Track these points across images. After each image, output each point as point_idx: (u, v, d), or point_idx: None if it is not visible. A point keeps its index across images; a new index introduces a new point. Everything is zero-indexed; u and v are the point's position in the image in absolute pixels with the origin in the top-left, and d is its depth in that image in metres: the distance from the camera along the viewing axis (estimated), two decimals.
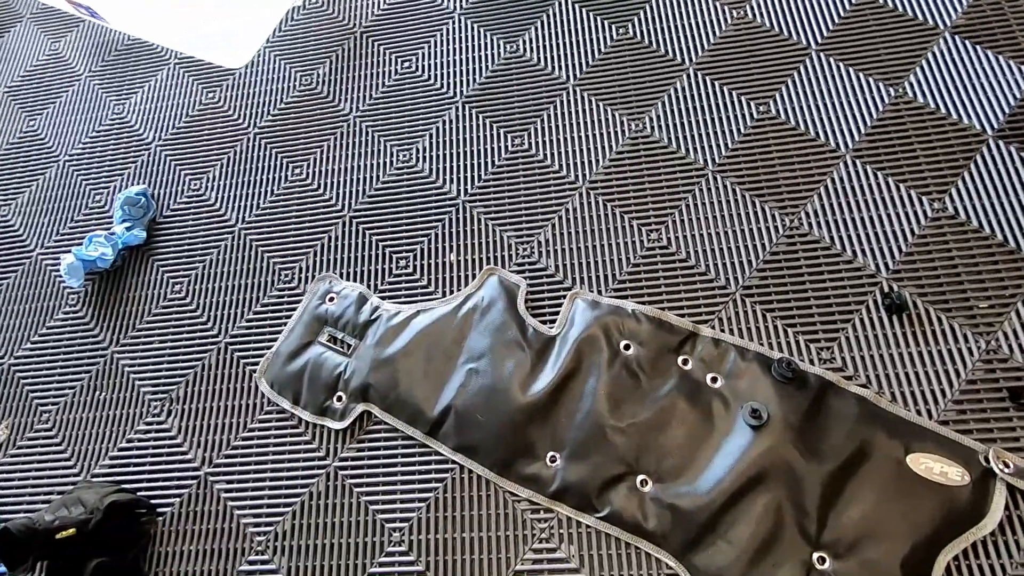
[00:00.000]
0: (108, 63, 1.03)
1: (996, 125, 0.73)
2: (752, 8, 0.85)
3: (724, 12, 0.85)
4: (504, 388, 0.67)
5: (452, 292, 0.76)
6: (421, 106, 0.88)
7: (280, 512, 0.69)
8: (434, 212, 0.81)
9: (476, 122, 0.85)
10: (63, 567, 0.66)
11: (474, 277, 0.76)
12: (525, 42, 0.89)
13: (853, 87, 0.79)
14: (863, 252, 0.70)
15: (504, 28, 0.91)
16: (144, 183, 0.91)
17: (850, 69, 0.79)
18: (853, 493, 0.59)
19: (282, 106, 0.93)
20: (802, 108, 0.78)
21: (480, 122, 0.85)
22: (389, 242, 0.80)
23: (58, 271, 0.87)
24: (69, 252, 0.83)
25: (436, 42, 0.92)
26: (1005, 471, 0.58)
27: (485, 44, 0.90)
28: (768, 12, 0.84)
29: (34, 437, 0.78)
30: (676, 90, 0.82)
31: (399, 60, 0.92)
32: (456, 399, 0.68)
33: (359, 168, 0.86)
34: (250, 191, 0.87)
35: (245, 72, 0.97)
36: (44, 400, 0.80)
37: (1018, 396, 0.61)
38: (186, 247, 0.86)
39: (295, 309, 0.78)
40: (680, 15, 0.86)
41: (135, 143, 0.95)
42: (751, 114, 0.79)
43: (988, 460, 0.58)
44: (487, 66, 0.89)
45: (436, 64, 0.91)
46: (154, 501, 0.72)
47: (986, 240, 0.69)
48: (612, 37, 0.87)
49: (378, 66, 0.93)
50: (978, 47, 0.78)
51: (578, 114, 0.83)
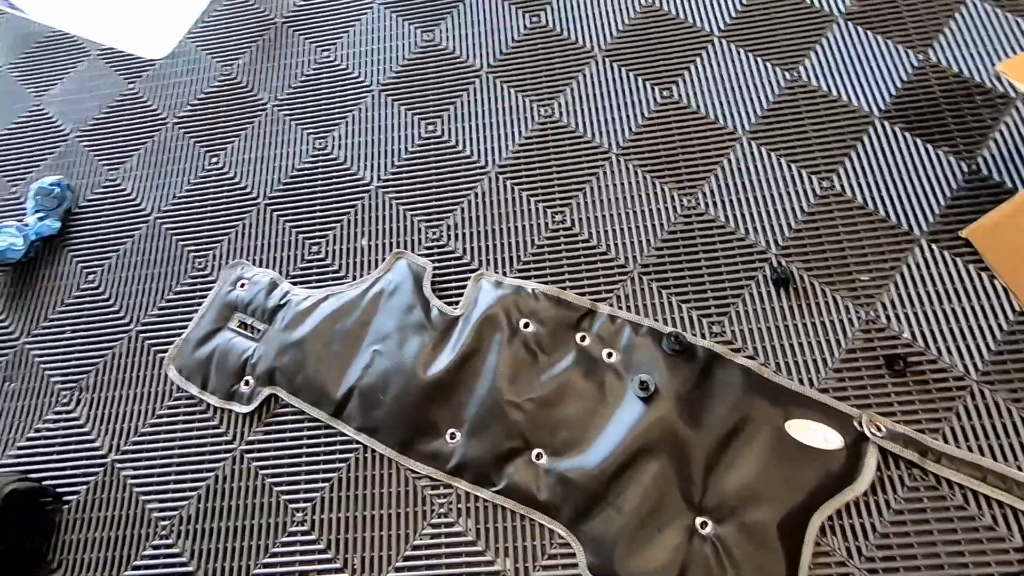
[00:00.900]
0: (28, 55, 1.02)
1: (883, 107, 0.76)
2: None
3: (633, 0, 0.88)
4: (406, 368, 0.68)
5: (362, 276, 0.77)
6: (338, 95, 0.89)
7: (186, 496, 0.69)
8: (348, 198, 0.82)
9: (391, 110, 0.86)
10: None
11: (384, 261, 0.77)
12: (441, 31, 0.90)
13: (752, 72, 0.81)
14: (755, 230, 0.73)
15: (421, 17, 0.92)
16: (61, 174, 0.90)
17: (750, 55, 0.82)
18: (735, 460, 0.61)
19: (202, 96, 0.93)
20: (703, 92, 0.81)
21: (395, 110, 0.86)
22: (303, 228, 0.81)
23: None
24: None
25: (355, 32, 0.93)
26: (877, 435, 0.60)
27: (402, 33, 0.91)
28: (675, 0, 0.87)
29: None
30: (585, 76, 0.84)
31: (318, 49, 0.93)
32: (360, 380, 0.69)
33: (275, 156, 0.86)
34: (167, 180, 0.87)
35: (166, 63, 0.97)
36: None
37: (892, 363, 0.64)
38: (100, 237, 0.85)
39: (207, 296, 0.78)
40: (591, 3, 0.88)
41: (52, 134, 0.94)
42: (655, 98, 0.81)
43: (861, 425, 0.61)
44: (403, 55, 0.90)
45: (354, 53, 0.91)
46: (60, 490, 0.71)
47: (870, 216, 0.72)
48: (525, 26, 0.88)
49: (298, 55, 0.93)
50: (869, 32, 0.81)
51: (490, 101, 0.84)
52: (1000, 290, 0.66)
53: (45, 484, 0.71)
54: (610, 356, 0.67)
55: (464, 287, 0.74)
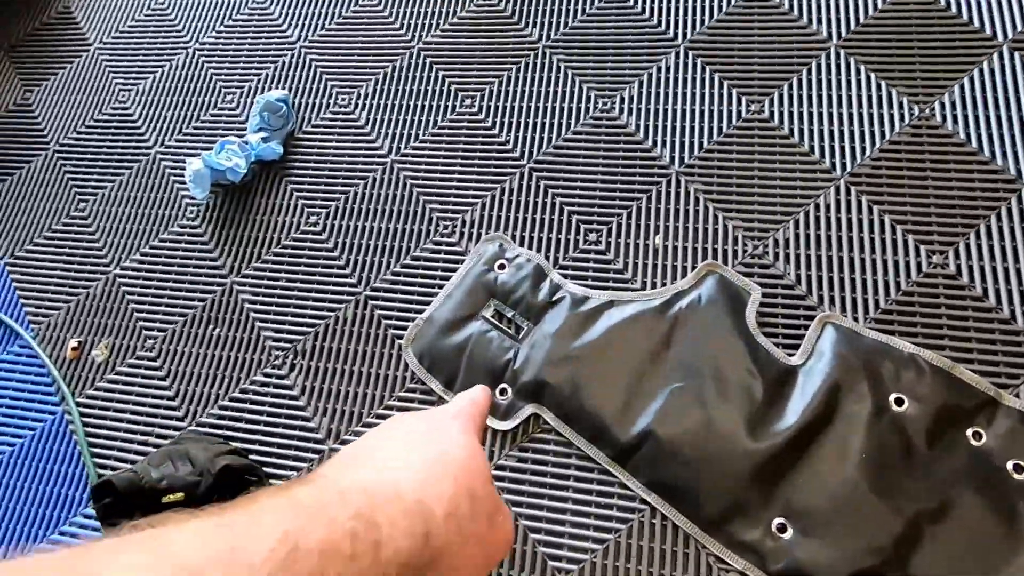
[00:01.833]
0: None
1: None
2: None
3: None
4: (725, 423, 0.52)
5: (656, 285, 0.60)
6: (632, 46, 0.71)
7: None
8: (639, 180, 0.65)
9: (703, 75, 0.68)
10: None
11: (685, 271, 0.60)
12: None
13: None
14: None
15: None
16: (285, 89, 0.77)
17: None
18: None
19: (455, 20, 0.77)
20: None
21: (707, 76, 0.68)
22: (577, 209, 0.65)
23: (179, 176, 0.75)
24: (197, 157, 0.71)
25: None
26: None
27: None
28: None
29: (135, 365, 0.68)
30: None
31: None
32: (657, 424, 0.54)
33: (546, 111, 0.70)
34: (409, 117, 0.73)
35: None
36: (150, 324, 0.69)
37: None
38: (327, 173, 0.72)
39: (453, 270, 0.64)
40: None
41: (276, 39, 0.81)
42: None
43: None
44: (721, 6, 0.70)
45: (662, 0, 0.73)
46: (267, 470, 0.60)
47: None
48: None
49: None
50: None
51: (843, 84, 0.64)
52: None
53: (253, 461, 0.60)
54: (1019, 471, 0.49)
55: (793, 327, 0.57)
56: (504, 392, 0.58)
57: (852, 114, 0.63)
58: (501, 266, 0.63)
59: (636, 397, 0.55)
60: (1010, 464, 0.49)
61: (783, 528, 0.50)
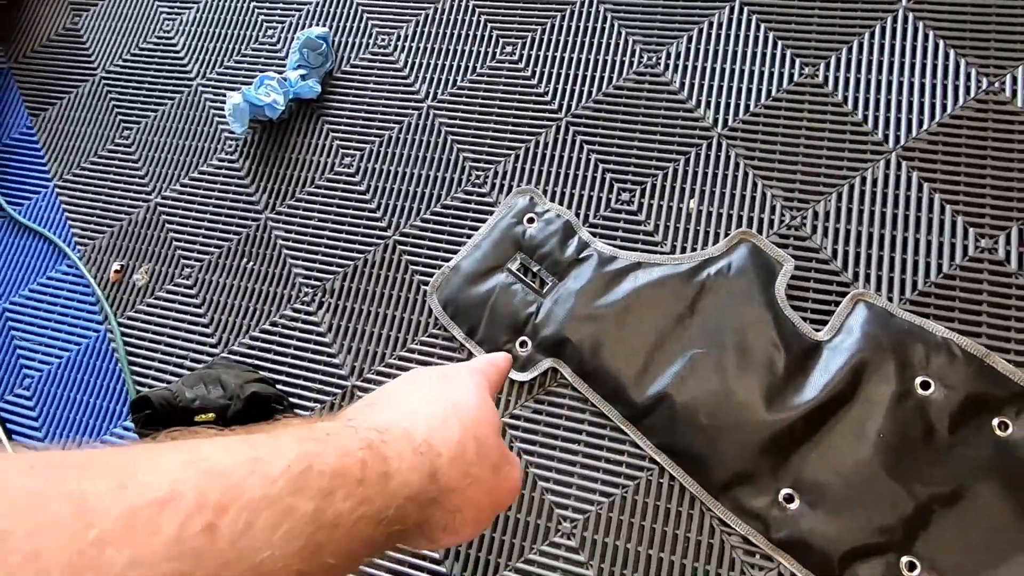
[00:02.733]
0: None
1: None
2: None
3: None
4: (743, 393, 0.52)
5: (686, 249, 0.59)
6: (684, 1, 0.68)
7: None
8: (678, 141, 0.63)
9: (756, 34, 0.64)
10: None
11: (718, 237, 0.59)
12: None
13: None
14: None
15: None
16: (325, 26, 0.76)
17: None
18: None
19: None
20: None
21: (762, 35, 0.64)
22: (612, 166, 0.64)
23: (219, 109, 0.76)
24: (237, 91, 0.71)
25: None
26: None
27: None
28: None
29: (173, 291, 0.70)
30: None
31: None
32: (674, 388, 0.54)
33: (588, 63, 0.68)
34: (448, 62, 0.71)
35: None
36: (188, 253, 0.71)
37: None
38: (363, 114, 0.72)
39: (483, 220, 0.64)
40: None
41: None
42: None
43: None
44: None
45: None
46: (292, 400, 0.63)
47: None
48: None
49: None
50: None
51: (907, 51, 0.60)
52: None
53: (279, 390, 0.63)
54: None
55: (825, 303, 0.55)
56: (524, 344, 0.59)
57: (914, 83, 0.59)
58: (531, 220, 0.63)
59: (656, 360, 0.56)
60: None
61: (790, 499, 0.50)
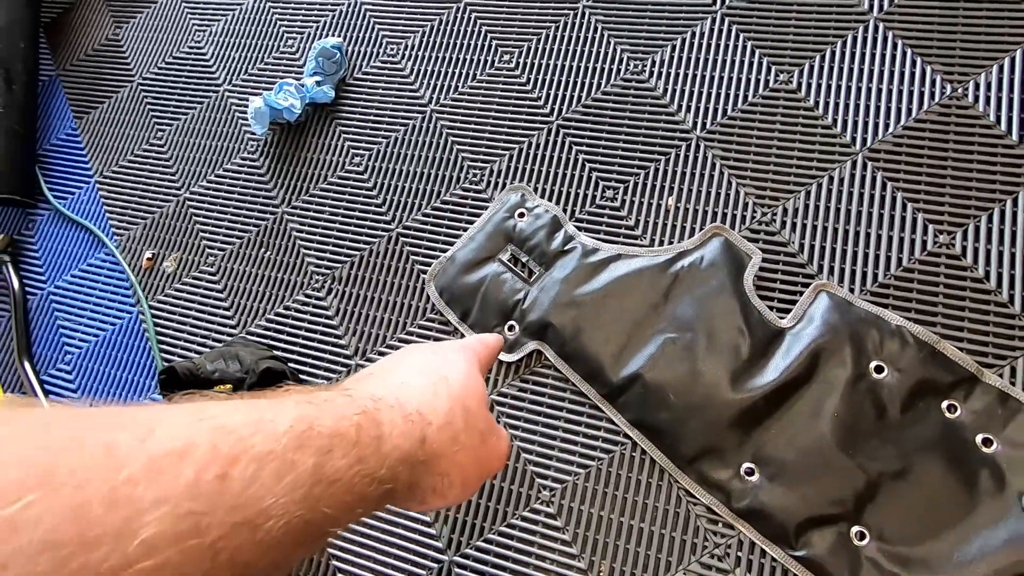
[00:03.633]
0: None
1: None
2: None
3: None
4: (710, 374, 0.57)
5: (663, 243, 0.64)
6: (669, 10, 0.72)
7: None
8: (659, 143, 0.68)
9: (736, 42, 0.69)
10: None
11: (693, 232, 0.64)
12: None
13: None
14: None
15: None
16: (340, 36, 0.83)
17: None
18: None
19: None
20: None
21: (740, 44, 0.69)
22: (598, 166, 0.69)
23: (243, 112, 0.83)
24: (259, 95, 0.78)
25: None
26: None
27: None
28: None
29: (198, 278, 0.77)
30: None
31: None
32: (647, 369, 0.58)
33: (579, 70, 0.73)
34: (450, 70, 0.77)
35: None
36: (212, 243, 0.78)
37: None
38: (372, 117, 0.78)
39: (478, 215, 0.70)
40: None
41: None
42: None
43: None
44: None
45: None
46: (302, 376, 0.69)
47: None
48: None
49: None
50: None
51: (877, 59, 0.64)
52: None
53: (291, 367, 0.69)
54: (988, 444, 0.51)
55: (790, 293, 0.59)
56: (512, 328, 0.64)
57: (881, 89, 0.63)
58: (521, 214, 0.68)
59: (631, 343, 0.60)
60: (979, 438, 0.51)
61: (751, 472, 0.54)
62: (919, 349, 0.54)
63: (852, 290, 0.58)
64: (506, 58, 0.76)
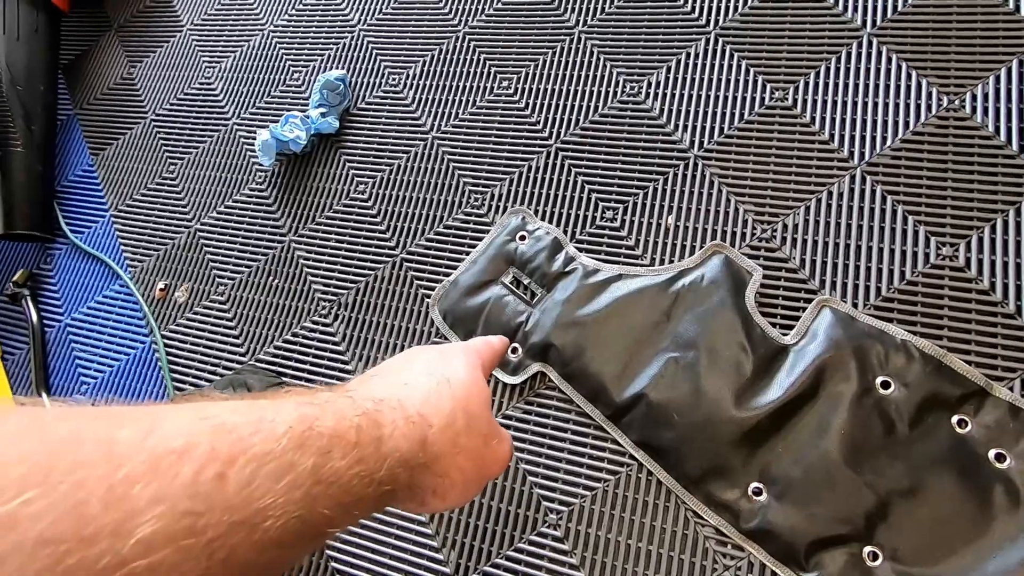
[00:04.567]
0: None
1: None
2: None
3: None
4: (713, 393, 0.56)
5: (664, 262, 0.64)
6: (663, 32, 0.73)
7: None
8: (658, 163, 0.68)
9: (730, 62, 0.70)
10: None
11: (693, 250, 0.64)
12: None
13: None
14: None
15: None
16: (344, 69, 0.85)
17: None
18: None
19: (499, 6, 0.82)
20: None
21: (735, 63, 0.69)
22: (598, 187, 0.69)
23: (251, 145, 0.85)
24: (265, 128, 0.80)
25: None
26: None
27: None
28: None
29: (209, 307, 0.79)
30: None
31: None
32: (650, 388, 0.58)
33: (575, 94, 0.74)
34: (450, 97, 0.79)
35: None
36: (222, 272, 0.80)
37: None
38: (375, 146, 0.80)
39: (480, 239, 0.71)
40: None
41: (340, 23, 0.89)
42: None
43: None
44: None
45: None
46: None
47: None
48: None
49: None
50: None
51: (872, 74, 0.64)
52: None
53: None
54: (1001, 460, 0.50)
55: (793, 309, 0.59)
56: (515, 351, 0.64)
57: (878, 103, 0.63)
58: (522, 237, 0.69)
59: (634, 363, 0.60)
60: (992, 453, 0.50)
61: (759, 492, 0.54)
62: (925, 363, 0.53)
63: (855, 305, 0.58)
64: (505, 84, 0.77)
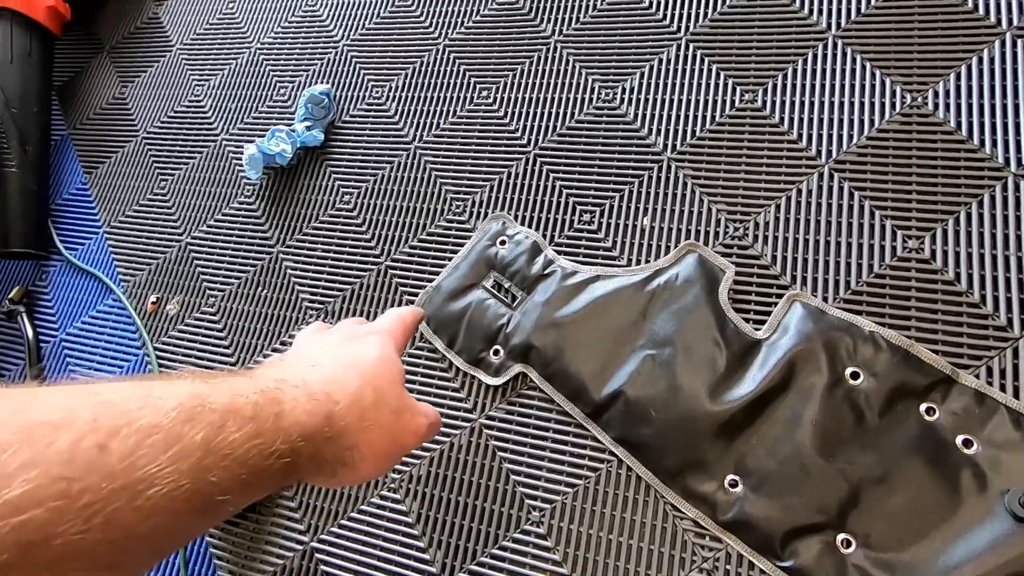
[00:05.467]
0: None
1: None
2: None
3: None
4: (688, 388, 0.58)
5: (640, 262, 0.66)
6: (635, 39, 0.75)
7: (416, 458, 0.66)
8: (633, 166, 0.70)
9: (701, 66, 0.72)
10: None
11: (668, 250, 0.65)
12: None
13: None
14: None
15: None
16: (328, 83, 0.88)
17: None
18: None
19: (478, 18, 0.84)
20: None
21: (705, 67, 0.71)
22: (575, 191, 0.71)
23: (240, 159, 0.87)
24: (252, 143, 0.82)
25: None
26: None
27: None
28: None
29: (200, 318, 0.81)
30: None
31: None
32: (628, 386, 0.60)
33: (553, 101, 0.76)
34: (432, 108, 0.81)
35: None
36: (212, 284, 0.82)
37: None
38: (360, 157, 0.82)
39: (462, 245, 0.72)
40: None
41: (324, 39, 0.92)
42: None
43: None
44: (725, 1, 0.74)
45: None
46: None
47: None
48: None
49: None
50: None
51: (838, 74, 0.66)
52: None
53: None
54: (968, 445, 0.51)
55: (765, 305, 0.61)
56: (497, 352, 0.66)
57: (844, 103, 0.65)
58: (502, 242, 0.70)
59: (612, 362, 0.62)
60: (960, 439, 0.51)
61: (735, 484, 0.55)
62: (893, 353, 0.55)
63: (825, 299, 0.59)
64: (484, 94, 0.79)
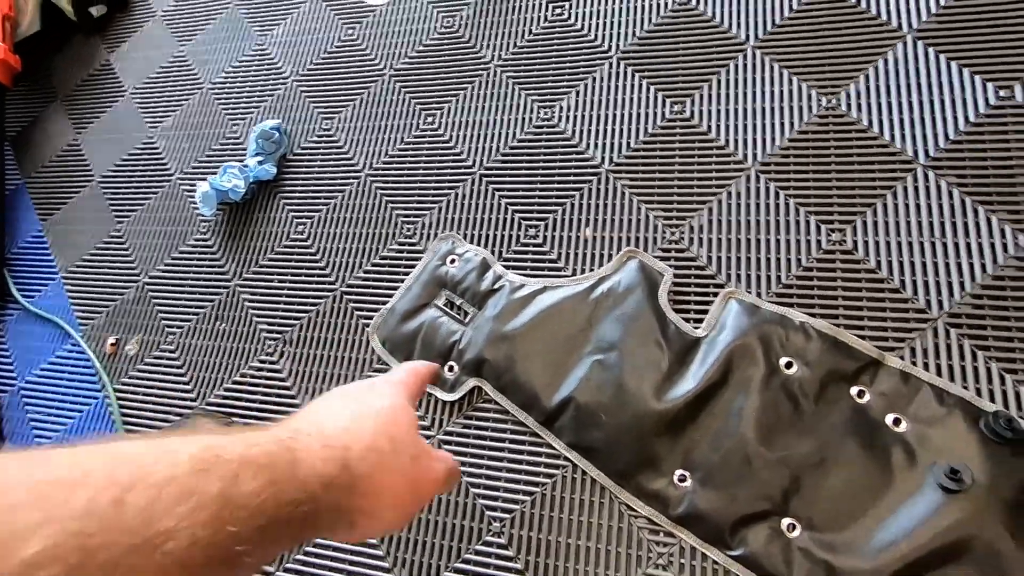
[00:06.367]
0: None
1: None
2: None
3: None
4: (634, 389, 0.60)
5: (584, 271, 0.68)
6: (570, 59, 0.79)
7: None
8: (573, 180, 0.73)
9: (632, 82, 0.75)
10: None
11: (610, 257, 0.68)
12: None
13: None
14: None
15: None
16: (279, 118, 0.90)
17: None
18: None
19: (421, 48, 0.87)
20: None
21: (636, 83, 0.75)
22: (520, 208, 0.73)
23: (193, 198, 0.89)
24: (205, 180, 0.84)
25: None
26: None
27: None
28: None
29: (159, 356, 0.81)
30: (889, 60, 0.67)
31: (551, 6, 0.83)
32: (577, 392, 0.61)
33: (495, 123, 0.79)
34: (380, 136, 0.83)
35: (386, 10, 0.92)
36: (171, 322, 0.82)
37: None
38: (312, 188, 0.84)
39: (414, 266, 0.74)
40: None
41: (273, 76, 0.94)
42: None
43: None
44: (651, 18, 0.78)
45: (592, 13, 0.81)
46: None
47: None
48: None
49: (527, 11, 0.84)
50: None
51: (758, 82, 0.70)
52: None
53: None
54: (897, 423, 0.54)
55: (704, 304, 0.63)
56: (452, 368, 0.67)
57: (765, 108, 0.69)
58: (452, 261, 0.72)
59: (561, 369, 0.63)
60: (889, 418, 0.54)
61: (683, 478, 0.57)
62: (823, 341, 0.57)
63: (759, 294, 0.62)
64: (429, 119, 0.82)
